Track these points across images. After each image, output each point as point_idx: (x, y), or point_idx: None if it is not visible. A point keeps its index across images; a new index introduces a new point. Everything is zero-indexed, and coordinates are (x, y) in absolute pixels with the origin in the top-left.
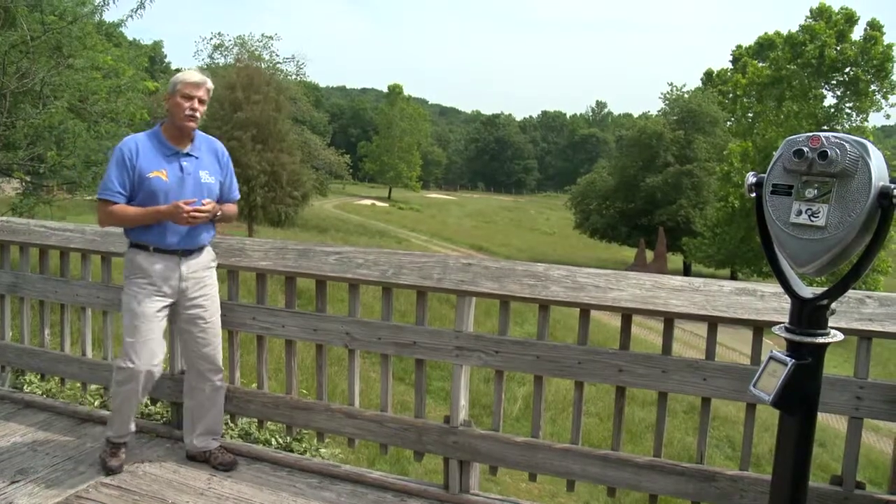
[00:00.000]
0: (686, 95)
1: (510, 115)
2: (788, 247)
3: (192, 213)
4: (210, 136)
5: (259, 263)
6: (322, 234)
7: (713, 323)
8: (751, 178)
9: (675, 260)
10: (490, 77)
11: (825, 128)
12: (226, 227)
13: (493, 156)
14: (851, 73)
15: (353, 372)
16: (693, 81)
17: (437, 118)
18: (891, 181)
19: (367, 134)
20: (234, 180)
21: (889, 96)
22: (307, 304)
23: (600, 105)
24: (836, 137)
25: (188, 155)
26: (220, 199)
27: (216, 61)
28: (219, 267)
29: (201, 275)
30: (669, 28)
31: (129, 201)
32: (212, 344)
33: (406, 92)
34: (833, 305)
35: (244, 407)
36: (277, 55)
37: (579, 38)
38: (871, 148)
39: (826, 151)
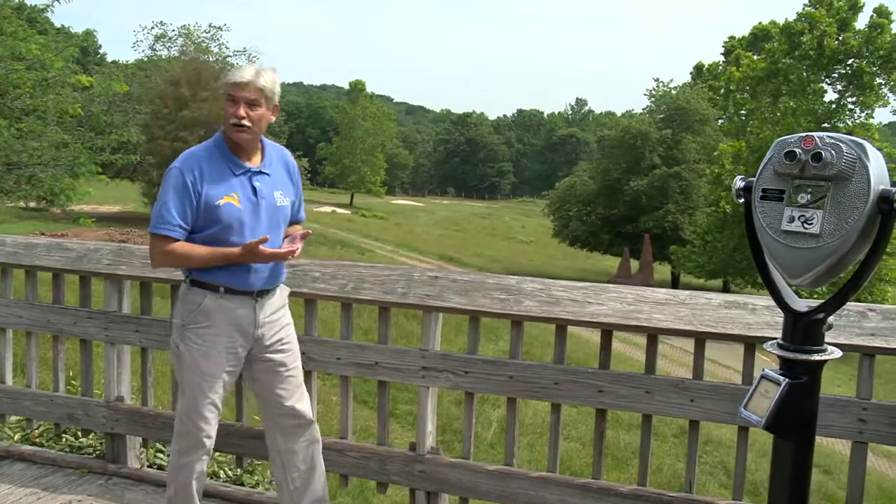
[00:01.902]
0: (674, 92)
1: (483, 113)
2: (780, 256)
3: (273, 255)
4: (277, 144)
5: None
6: None
7: (700, 339)
8: (739, 182)
9: (663, 270)
10: (461, 73)
11: (825, 125)
12: None
13: (464, 158)
14: (855, 65)
15: (311, 395)
16: (682, 77)
17: (403, 118)
18: (895, 184)
19: (327, 135)
20: (302, 199)
21: None
22: None
23: (580, 103)
24: (831, 137)
25: (260, 172)
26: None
27: (158, 53)
28: (161, 281)
29: (277, 316)
30: (656, 21)
31: (191, 234)
32: (296, 395)
33: (369, 89)
34: (830, 319)
35: None
36: (227, 48)
37: (558, 31)
38: (870, 148)
39: (820, 153)
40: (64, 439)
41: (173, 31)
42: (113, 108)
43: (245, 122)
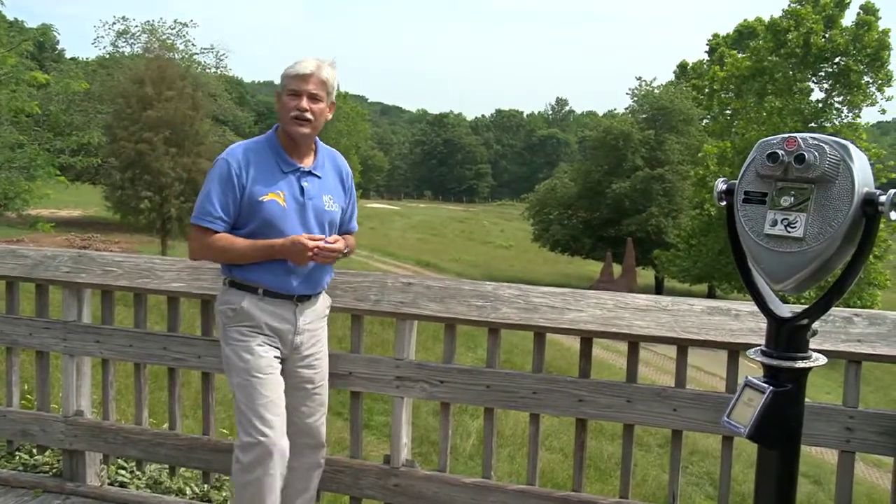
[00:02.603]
0: (657, 91)
1: (460, 114)
2: (763, 261)
3: (318, 252)
4: (332, 149)
5: (171, 285)
6: None
7: (683, 346)
8: (721, 184)
9: (647, 275)
10: (437, 72)
11: (812, 125)
12: (134, 243)
13: (441, 160)
14: (842, 63)
15: None
16: (665, 75)
17: (377, 118)
18: (879, 187)
19: None
20: (356, 208)
21: (885, 88)
22: None
23: (561, 102)
24: (814, 139)
25: (310, 174)
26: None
27: (120, 50)
28: (124, 289)
29: (316, 326)
30: (639, 18)
31: (233, 230)
32: (317, 414)
33: (342, 88)
34: (815, 325)
35: (153, 452)
36: (194, 44)
37: (537, 28)
38: (854, 150)
39: (803, 154)
40: (17, 457)
41: (136, 27)
42: (73, 108)
43: (308, 115)
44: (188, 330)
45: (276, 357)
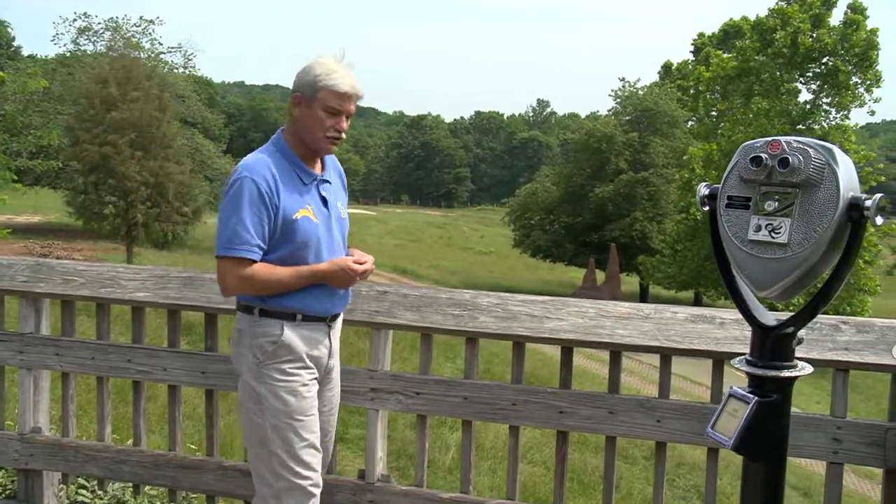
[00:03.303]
0: (640, 92)
1: (438, 115)
2: (747, 267)
3: (361, 275)
4: None
5: (135, 295)
6: None
7: (666, 355)
8: (703, 189)
9: (631, 281)
10: (415, 73)
11: (800, 127)
12: (98, 250)
13: (418, 163)
14: (830, 63)
15: None
16: (649, 76)
17: (353, 120)
18: (868, 191)
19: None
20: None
21: (873, 89)
22: (198, 341)
23: (542, 104)
24: (798, 142)
25: (324, 181)
26: None
27: (82, 48)
28: (86, 299)
29: (339, 344)
30: (621, 16)
31: (265, 254)
32: (330, 433)
33: None
34: (800, 333)
35: (116, 469)
36: (160, 43)
37: (517, 28)
38: (839, 153)
39: (787, 158)
40: None
41: (99, 24)
42: (31, 108)
43: (342, 135)
44: (154, 341)
45: (315, 392)
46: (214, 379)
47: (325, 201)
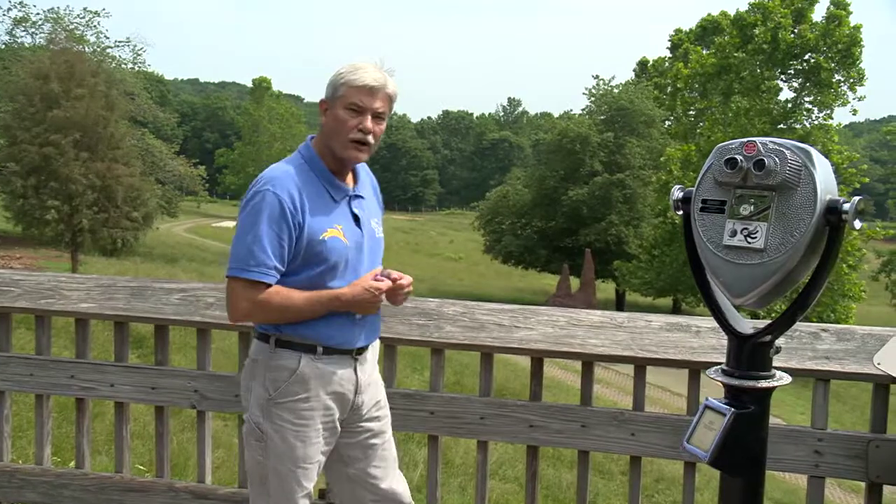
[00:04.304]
0: (615, 90)
1: (405, 115)
2: (722, 274)
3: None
4: None
5: (79, 306)
6: (171, 264)
7: (641, 365)
8: (676, 192)
9: (607, 288)
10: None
11: (782, 126)
12: (39, 258)
13: (384, 165)
14: (812, 60)
15: (203, 439)
16: (624, 74)
17: (314, 120)
18: (852, 193)
19: (228, 139)
20: None
21: (856, 88)
22: (149, 354)
23: (513, 103)
24: (774, 143)
25: (357, 196)
26: None
27: (19, 40)
28: (24, 311)
29: (374, 377)
30: (596, 10)
31: (283, 276)
32: (392, 472)
33: (275, 87)
34: (778, 342)
35: (56, 495)
36: (107, 36)
37: (487, 23)
38: (816, 155)
39: (763, 160)
40: None
41: (38, 14)
42: None
43: (370, 138)
44: (101, 356)
45: (329, 440)
46: (165, 395)
47: (357, 219)
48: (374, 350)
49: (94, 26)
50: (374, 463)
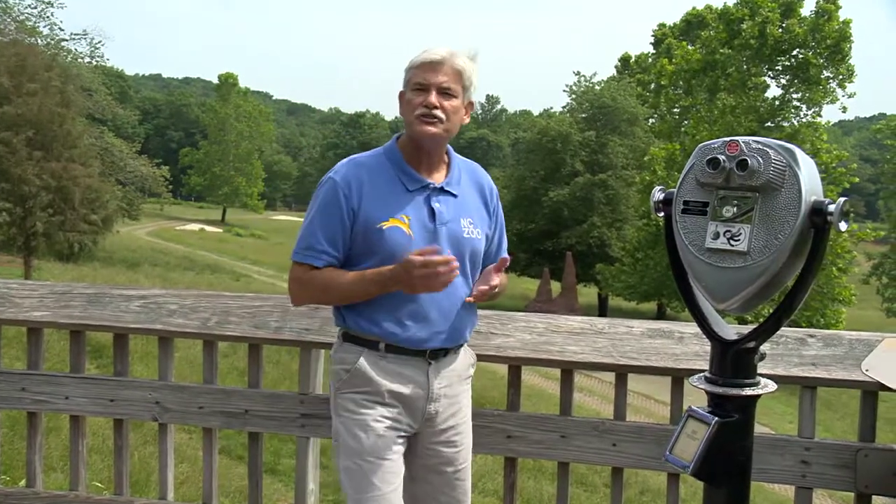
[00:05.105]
0: (597, 87)
1: (378, 113)
2: (705, 278)
3: (437, 273)
4: (471, 161)
5: (32, 314)
6: (132, 269)
7: (622, 373)
8: (657, 193)
9: (589, 293)
10: (352, 67)
11: (769, 124)
12: None
13: None
14: (800, 56)
15: (165, 453)
16: (606, 70)
17: (283, 118)
18: (841, 194)
19: (192, 138)
20: (504, 233)
21: (846, 84)
22: (108, 364)
23: (491, 101)
24: (757, 142)
25: (443, 191)
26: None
27: None
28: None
29: (456, 390)
30: (577, 4)
31: (345, 265)
32: (462, 502)
33: (243, 83)
34: (763, 348)
35: None
36: (61, 29)
37: (464, 18)
38: (801, 155)
39: (746, 160)
40: None
41: None
42: None
43: (438, 112)
44: (56, 367)
45: (400, 436)
46: (125, 407)
47: (433, 213)
48: (461, 361)
49: (48, 17)
50: (444, 490)
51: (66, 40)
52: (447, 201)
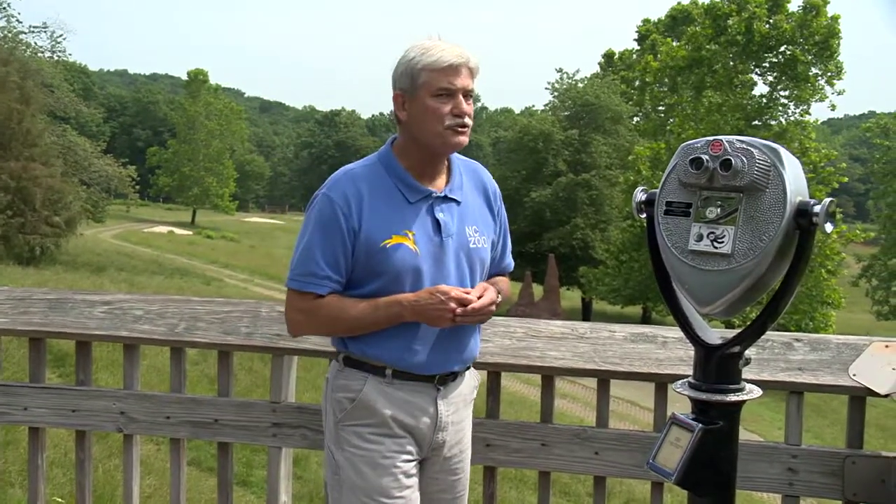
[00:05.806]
0: (580, 84)
1: (354, 111)
2: (688, 281)
3: (463, 310)
4: (469, 160)
5: None
6: (97, 274)
7: (604, 379)
8: (639, 194)
9: (572, 296)
10: (326, 62)
11: (756, 123)
12: None
13: (332, 165)
14: (788, 52)
15: (130, 465)
16: (589, 67)
17: (256, 116)
18: (829, 194)
19: (160, 136)
20: (508, 237)
21: (835, 82)
22: (71, 373)
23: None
24: (741, 142)
25: (445, 199)
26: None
27: None
28: None
29: (462, 415)
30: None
31: (347, 289)
32: None
33: (213, 80)
34: (748, 353)
35: None
36: (19, 21)
37: (443, 13)
38: (786, 154)
39: (729, 160)
40: None
41: None
42: None
43: (468, 120)
44: (15, 376)
45: (412, 467)
46: (88, 417)
47: (438, 225)
48: (467, 383)
49: (4, 9)
50: None
51: (25, 33)
52: (451, 209)
